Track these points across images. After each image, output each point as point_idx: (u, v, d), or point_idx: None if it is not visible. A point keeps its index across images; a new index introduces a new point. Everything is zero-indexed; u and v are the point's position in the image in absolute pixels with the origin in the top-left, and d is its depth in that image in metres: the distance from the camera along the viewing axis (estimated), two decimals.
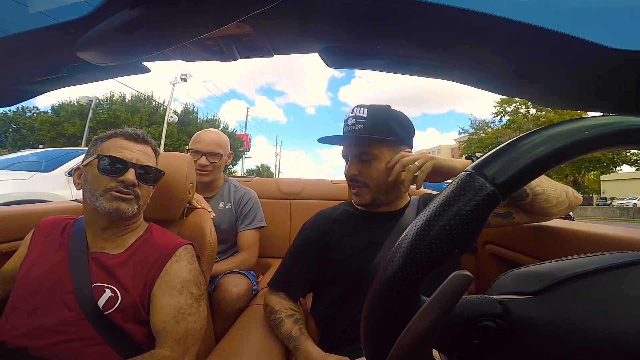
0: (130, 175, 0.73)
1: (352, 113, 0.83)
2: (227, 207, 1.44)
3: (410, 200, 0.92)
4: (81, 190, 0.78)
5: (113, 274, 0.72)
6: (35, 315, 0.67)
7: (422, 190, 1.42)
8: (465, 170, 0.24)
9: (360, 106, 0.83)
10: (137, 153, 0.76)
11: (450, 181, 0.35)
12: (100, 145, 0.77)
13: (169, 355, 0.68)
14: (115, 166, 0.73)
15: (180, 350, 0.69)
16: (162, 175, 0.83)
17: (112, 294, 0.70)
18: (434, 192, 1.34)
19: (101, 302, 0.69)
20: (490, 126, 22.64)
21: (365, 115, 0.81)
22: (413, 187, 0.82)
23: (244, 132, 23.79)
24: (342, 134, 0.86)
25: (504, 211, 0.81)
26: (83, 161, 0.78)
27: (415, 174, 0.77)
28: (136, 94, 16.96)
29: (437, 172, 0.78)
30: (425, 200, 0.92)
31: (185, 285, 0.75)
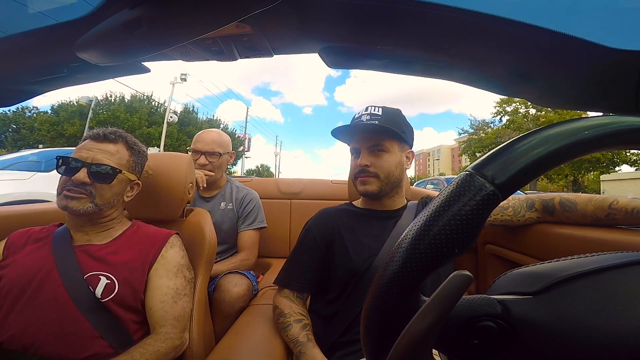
0: (80, 174, 0.74)
1: (365, 111, 0.87)
2: (228, 207, 1.44)
3: (408, 202, 0.94)
4: None
5: (105, 261, 0.74)
6: (24, 313, 0.67)
7: (422, 192, 1.42)
8: (465, 170, 0.24)
9: (373, 106, 0.88)
10: (95, 152, 0.77)
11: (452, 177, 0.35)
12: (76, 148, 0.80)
13: (172, 332, 0.73)
14: (71, 166, 0.75)
15: (180, 327, 0.75)
16: (119, 173, 0.79)
17: (109, 281, 0.72)
18: (434, 194, 1.33)
19: (99, 290, 0.71)
20: (490, 126, 22.60)
21: (380, 113, 0.86)
22: (413, 188, 0.82)
23: (243, 133, 23.80)
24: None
25: None
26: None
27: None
28: (136, 94, 16.96)
29: None
30: (425, 202, 0.94)
31: (180, 269, 0.81)
